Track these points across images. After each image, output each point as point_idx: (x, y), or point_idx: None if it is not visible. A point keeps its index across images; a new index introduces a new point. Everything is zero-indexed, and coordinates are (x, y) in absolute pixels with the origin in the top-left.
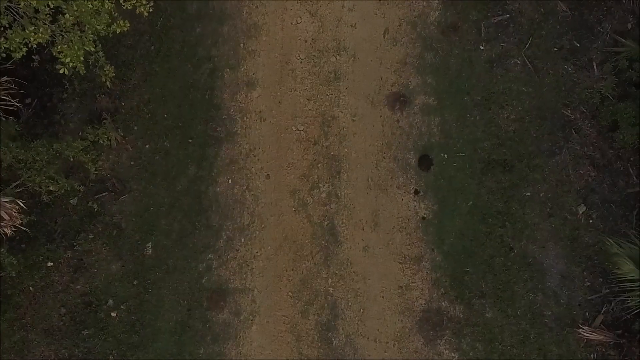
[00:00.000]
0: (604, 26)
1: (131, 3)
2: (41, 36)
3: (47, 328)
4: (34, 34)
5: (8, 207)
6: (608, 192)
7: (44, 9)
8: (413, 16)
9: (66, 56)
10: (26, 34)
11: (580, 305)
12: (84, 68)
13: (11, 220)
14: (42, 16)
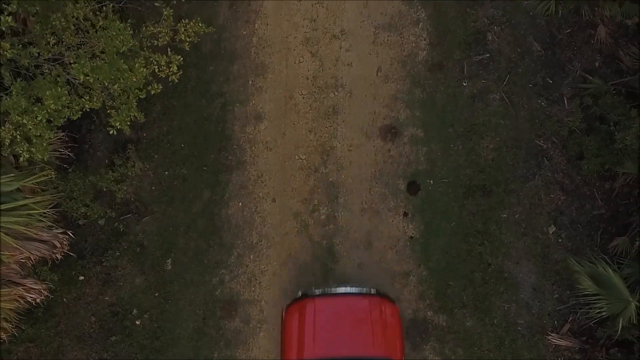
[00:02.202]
0: (574, 64)
1: (165, 73)
2: (95, 104)
3: (79, 335)
4: (89, 102)
5: (60, 237)
6: (576, 214)
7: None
8: (403, 56)
9: (115, 120)
10: (83, 102)
11: (550, 314)
12: (129, 130)
13: (61, 248)
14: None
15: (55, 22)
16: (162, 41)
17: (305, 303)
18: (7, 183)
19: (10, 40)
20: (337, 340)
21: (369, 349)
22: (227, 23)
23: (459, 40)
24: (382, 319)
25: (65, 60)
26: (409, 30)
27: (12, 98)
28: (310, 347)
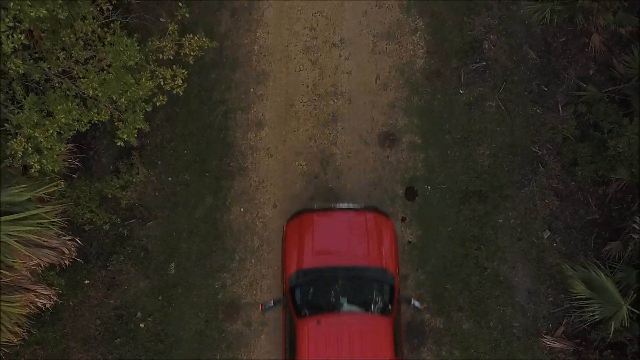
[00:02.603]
0: (569, 72)
1: (170, 85)
2: (103, 116)
3: (84, 337)
4: (97, 115)
5: (68, 244)
6: (570, 219)
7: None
8: (401, 64)
9: (123, 133)
10: (91, 115)
11: (544, 317)
12: (136, 141)
13: (69, 254)
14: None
15: (64, 38)
16: (167, 55)
17: (305, 217)
18: (19, 193)
19: (22, 55)
20: (334, 251)
21: (364, 260)
22: (229, 32)
23: (456, 49)
24: (378, 233)
25: (74, 74)
26: (407, 39)
27: (24, 112)
28: (309, 258)
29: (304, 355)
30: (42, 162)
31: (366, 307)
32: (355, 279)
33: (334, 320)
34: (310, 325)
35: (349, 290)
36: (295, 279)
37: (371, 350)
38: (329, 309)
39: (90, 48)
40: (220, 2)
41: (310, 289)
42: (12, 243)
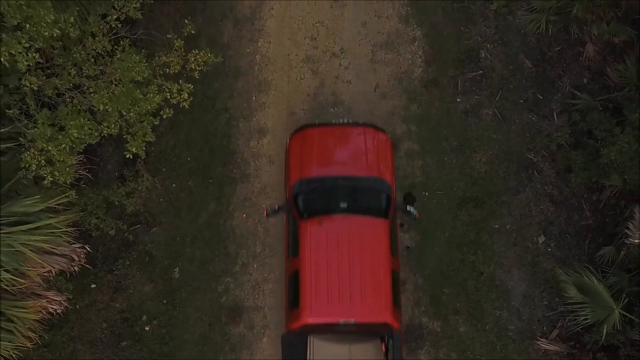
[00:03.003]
0: (564, 81)
1: (176, 99)
2: (113, 130)
3: (91, 340)
4: (107, 128)
5: (78, 251)
6: (564, 224)
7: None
8: (399, 73)
9: (132, 146)
10: (102, 128)
11: (539, 320)
12: (144, 154)
13: (79, 261)
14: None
15: (75, 55)
16: (173, 69)
17: (307, 131)
18: (32, 204)
19: (35, 72)
20: (335, 162)
21: (363, 170)
22: (232, 41)
23: (453, 58)
24: (375, 146)
25: (84, 89)
26: (405, 49)
27: (38, 127)
28: (311, 168)
29: (306, 253)
30: (54, 174)
31: (365, 211)
32: (354, 187)
33: (335, 222)
34: (312, 226)
35: (349, 196)
36: (298, 187)
37: (369, 249)
38: (329, 212)
39: (100, 63)
40: (223, 13)
41: (312, 195)
42: (26, 252)
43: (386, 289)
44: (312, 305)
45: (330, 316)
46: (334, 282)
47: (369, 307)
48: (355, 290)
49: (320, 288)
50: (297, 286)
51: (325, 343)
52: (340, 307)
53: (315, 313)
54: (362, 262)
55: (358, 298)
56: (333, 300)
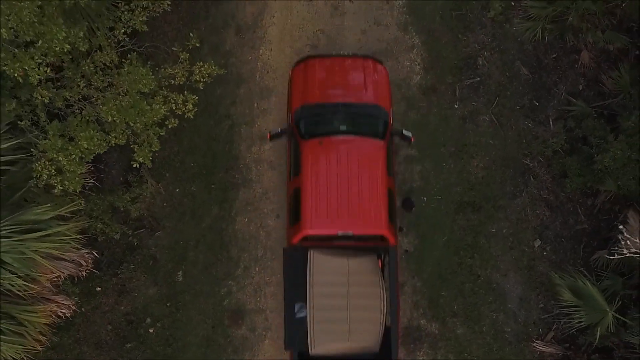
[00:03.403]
0: (559, 87)
1: (181, 110)
2: (120, 140)
3: (96, 342)
4: (115, 138)
5: (86, 257)
6: (560, 228)
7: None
8: (399, 80)
9: (139, 155)
10: (109, 138)
11: (535, 323)
12: (151, 163)
13: (87, 266)
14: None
15: (84, 68)
16: (179, 81)
17: (309, 62)
18: (43, 212)
19: (46, 84)
20: (335, 90)
21: (362, 98)
22: (234, 49)
23: (451, 65)
24: (374, 76)
25: (93, 100)
26: (404, 56)
27: (49, 139)
28: (312, 95)
29: (306, 170)
30: (64, 183)
31: (363, 133)
32: (353, 112)
33: (334, 142)
34: (312, 145)
35: (348, 120)
36: (300, 112)
37: (367, 167)
38: (329, 134)
39: (108, 74)
40: (225, 21)
41: (313, 120)
42: (37, 258)
43: (382, 204)
44: (312, 218)
45: (329, 228)
46: (333, 197)
47: (366, 220)
48: (353, 205)
49: (320, 202)
50: (298, 203)
51: (325, 257)
52: (338, 220)
53: (315, 225)
54: (359, 179)
55: (356, 212)
56: (332, 214)
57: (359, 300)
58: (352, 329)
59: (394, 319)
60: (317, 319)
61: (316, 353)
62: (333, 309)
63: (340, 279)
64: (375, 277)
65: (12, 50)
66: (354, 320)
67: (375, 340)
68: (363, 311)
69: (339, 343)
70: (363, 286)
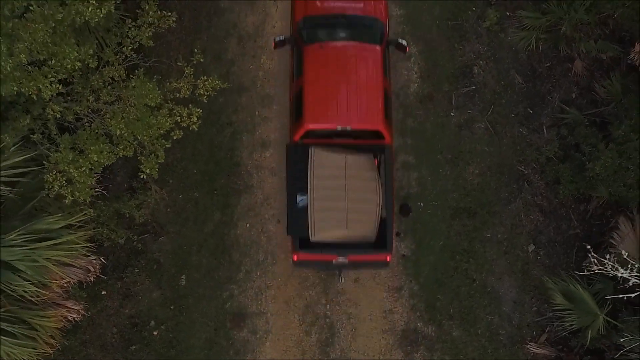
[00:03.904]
0: (553, 96)
1: (186, 122)
2: (128, 152)
3: (102, 344)
4: (123, 151)
5: (94, 263)
6: (553, 233)
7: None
8: (396, 88)
9: (146, 167)
10: (118, 150)
11: (529, 325)
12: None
13: (94, 271)
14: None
15: (93, 83)
16: (183, 94)
17: None
18: (55, 222)
19: (57, 99)
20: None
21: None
22: (236, 58)
23: (448, 74)
24: None
25: (102, 114)
26: (401, 65)
27: (61, 152)
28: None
29: (308, 70)
30: (74, 193)
31: (361, 39)
32: (352, 22)
33: (334, 45)
34: (314, 48)
35: (348, 29)
36: (303, 22)
37: (364, 68)
38: (330, 40)
39: (116, 88)
40: (227, 30)
41: (314, 28)
42: (49, 265)
43: (379, 102)
44: (313, 113)
45: (329, 123)
46: (332, 95)
47: (363, 116)
48: (351, 102)
49: (320, 100)
50: (300, 102)
51: (325, 153)
52: (337, 115)
53: (315, 119)
54: (357, 79)
55: (353, 108)
56: (332, 110)
57: (356, 193)
58: (350, 219)
59: (389, 212)
60: (317, 208)
61: (316, 240)
62: (332, 199)
63: (339, 172)
64: (371, 173)
65: (26, 69)
66: (351, 210)
67: (371, 230)
68: (360, 203)
69: (337, 231)
70: (360, 180)
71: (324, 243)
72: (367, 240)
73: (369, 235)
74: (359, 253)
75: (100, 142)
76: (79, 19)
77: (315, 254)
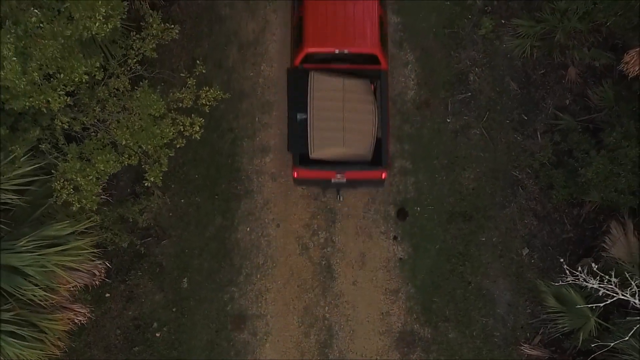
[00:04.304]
0: (547, 102)
1: (189, 132)
2: (133, 160)
3: (106, 345)
4: (128, 159)
5: (99, 267)
6: (547, 237)
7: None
8: (393, 95)
9: (150, 175)
10: (123, 159)
11: (523, 327)
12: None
13: (100, 276)
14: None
15: (100, 94)
16: (186, 104)
17: None
18: (62, 229)
19: (64, 110)
20: None
21: None
22: (236, 65)
23: (444, 81)
24: None
25: (108, 124)
26: (399, 72)
27: (69, 161)
28: None
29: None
30: (81, 201)
31: None
32: None
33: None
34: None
35: None
36: None
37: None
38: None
39: (121, 99)
40: (228, 38)
41: None
42: (57, 270)
43: (375, 27)
44: (312, 37)
45: (327, 46)
46: (330, 21)
47: (360, 40)
48: (349, 27)
49: (320, 25)
50: (301, 29)
51: (324, 77)
52: (335, 39)
53: (315, 43)
54: (354, 6)
55: (351, 33)
56: (330, 34)
57: (353, 113)
58: (347, 137)
59: (384, 132)
60: (316, 127)
61: (315, 157)
62: (330, 120)
63: (337, 94)
64: (368, 96)
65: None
66: (348, 130)
67: (367, 149)
68: (357, 123)
69: (335, 148)
70: (357, 102)
71: (323, 160)
72: (364, 159)
73: (365, 154)
74: (356, 169)
75: (106, 151)
76: (86, 33)
77: (314, 171)
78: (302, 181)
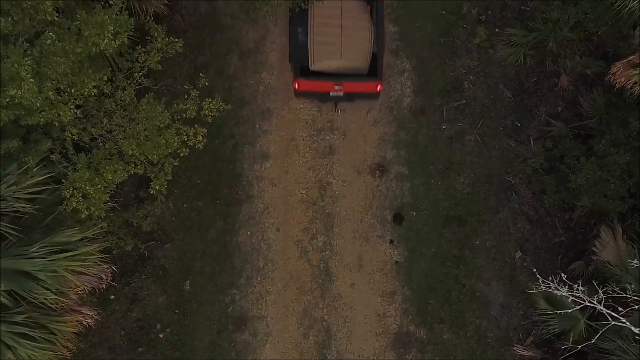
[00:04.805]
0: (540, 109)
1: (192, 141)
2: (139, 169)
3: (110, 346)
4: (134, 168)
5: (106, 271)
6: (539, 241)
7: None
8: (390, 102)
9: (155, 184)
10: (128, 168)
11: (516, 328)
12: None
13: (106, 279)
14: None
15: (107, 106)
16: (189, 114)
17: None
18: (72, 235)
19: (73, 122)
20: None
21: None
22: (237, 73)
23: (439, 88)
24: None
25: (115, 134)
26: (395, 79)
27: (78, 171)
28: None
29: None
30: (90, 208)
31: None
32: None
33: None
34: None
35: None
36: None
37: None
38: None
39: (128, 110)
40: (229, 46)
41: None
42: (67, 275)
43: None
44: None
45: None
46: None
47: None
48: None
49: None
50: None
51: None
52: None
53: None
54: None
55: None
56: None
57: (351, 30)
58: (345, 51)
59: (379, 49)
60: (316, 42)
61: (315, 68)
62: (329, 35)
63: (335, 13)
64: (364, 16)
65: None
66: (346, 44)
67: (364, 62)
68: (354, 39)
69: (334, 60)
70: (354, 20)
71: (322, 72)
72: (361, 71)
73: (362, 67)
74: (353, 80)
75: (114, 161)
76: (94, 49)
77: (314, 82)
78: (303, 93)
